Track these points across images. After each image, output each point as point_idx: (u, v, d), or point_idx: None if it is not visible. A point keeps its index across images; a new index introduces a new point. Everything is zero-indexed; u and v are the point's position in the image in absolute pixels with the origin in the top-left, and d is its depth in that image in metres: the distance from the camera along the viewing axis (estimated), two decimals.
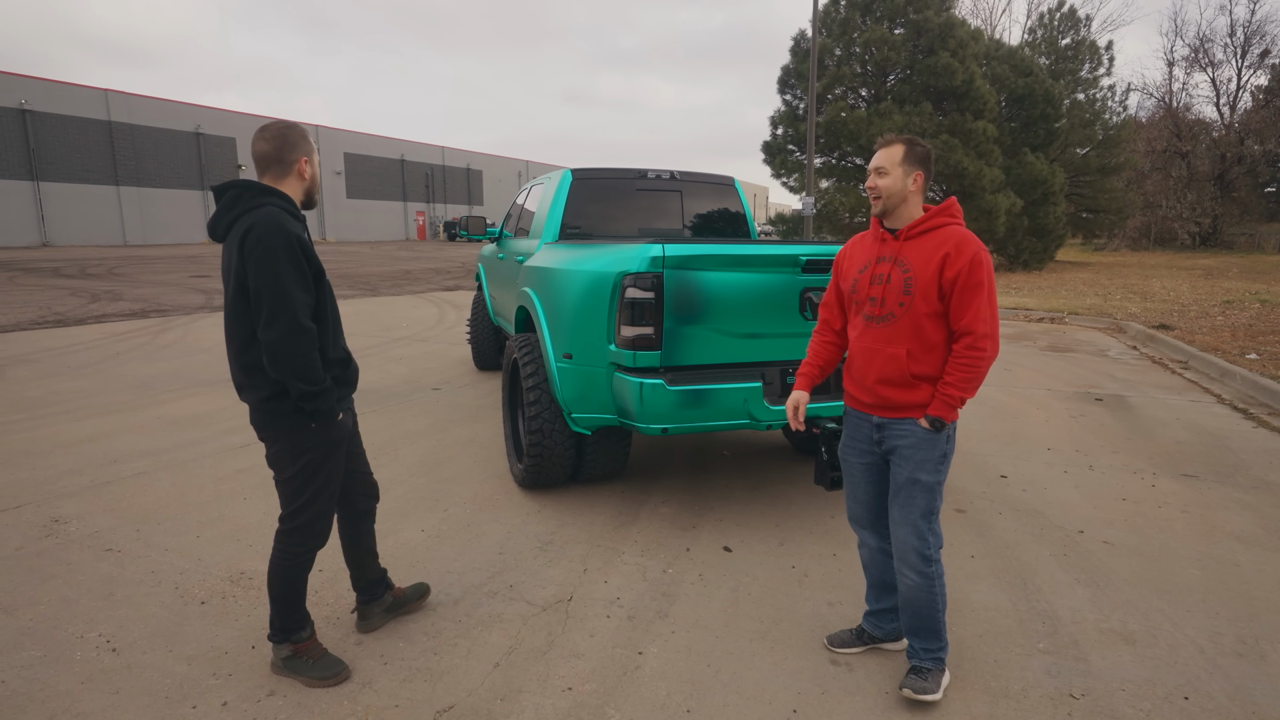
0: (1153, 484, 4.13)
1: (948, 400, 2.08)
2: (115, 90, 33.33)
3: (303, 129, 2.19)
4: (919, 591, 2.18)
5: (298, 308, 1.98)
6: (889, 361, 2.13)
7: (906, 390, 2.12)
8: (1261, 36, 37.93)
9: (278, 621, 2.26)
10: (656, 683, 2.27)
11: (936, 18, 18.97)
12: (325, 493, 2.21)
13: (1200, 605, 2.78)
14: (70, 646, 2.42)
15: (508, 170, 58.97)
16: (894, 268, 2.13)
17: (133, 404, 5.71)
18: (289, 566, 2.22)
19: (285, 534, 2.21)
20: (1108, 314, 11.61)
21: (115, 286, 14.99)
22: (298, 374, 2.00)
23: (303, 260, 2.03)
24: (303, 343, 1.99)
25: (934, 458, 2.13)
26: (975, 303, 2.03)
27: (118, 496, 3.78)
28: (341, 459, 2.24)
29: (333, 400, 2.10)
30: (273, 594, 2.24)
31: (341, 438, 2.20)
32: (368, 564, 2.53)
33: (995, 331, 2.06)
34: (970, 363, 2.05)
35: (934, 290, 2.06)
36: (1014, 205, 19.37)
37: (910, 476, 2.15)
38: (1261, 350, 8.02)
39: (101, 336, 8.98)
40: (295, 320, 1.97)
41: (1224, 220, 33.85)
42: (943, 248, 2.06)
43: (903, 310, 2.10)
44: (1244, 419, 5.60)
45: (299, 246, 2.01)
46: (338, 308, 2.23)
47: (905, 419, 2.14)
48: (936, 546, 2.19)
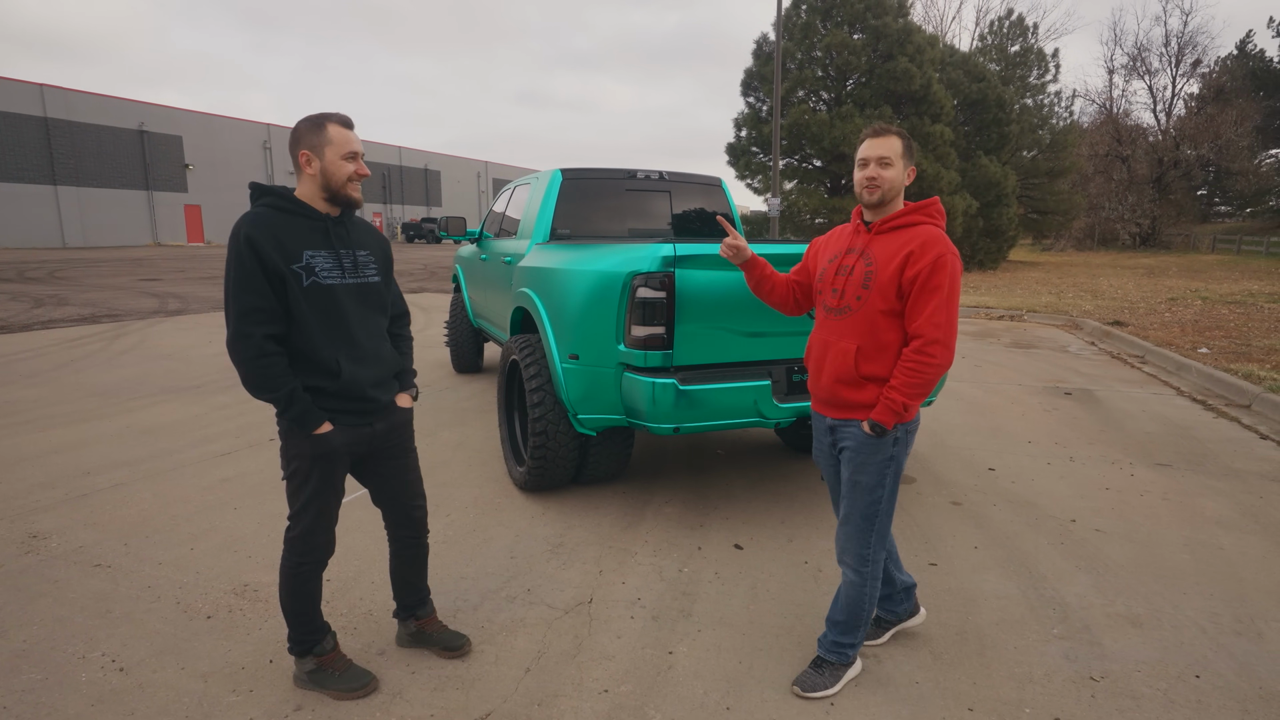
0: (1131, 473, 4.31)
1: (889, 404, 2.01)
2: (51, 85, 31.82)
3: (318, 119, 2.00)
4: (852, 589, 2.21)
5: (240, 313, 1.90)
6: (839, 357, 2.10)
7: (854, 389, 2.09)
8: (1194, 47, 40.11)
9: (291, 633, 2.19)
10: (692, 682, 2.27)
11: (895, 23, 19.46)
12: (314, 507, 2.08)
13: (1195, 588, 2.91)
14: (73, 668, 2.30)
15: (467, 171, 58.25)
16: (859, 260, 2.09)
17: (97, 413, 5.46)
18: (290, 576, 2.13)
19: (288, 540, 2.13)
20: (1063, 311, 12.05)
21: (60, 291, 14.30)
22: (246, 379, 1.94)
23: (252, 263, 1.90)
24: (242, 349, 1.91)
25: (876, 462, 2.09)
26: (930, 305, 1.97)
27: (97, 509, 3.60)
28: (332, 476, 2.08)
29: (301, 410, 1.97)
30: (282, 602, 2.17)
31: (325, 454, 2.04)
32: (401, 586, 2.42)
33: (949, 339, 1.97)
34: (917, 368, 1.97)
35: (893, 288, 2.00)
36: (970, 207, 19.98)
37: (852, 478, 2.13)
38: (1211, 344, 8.43)
39: (51, 343, 8.56)
40: (236, 326, 1.91)
41: (1162, 221, 35.48)
42: (908, 245, 2.01)
43: (859, 304, 2.06)
44: (1204, 410, 5.88)
45: (250, 250, 1.90)
46: (345, 315, 2.05)
47: (852, 420, 2.12)
48: (878, 547, 2.18)
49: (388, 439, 2.22)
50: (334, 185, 2.02)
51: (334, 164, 2.00)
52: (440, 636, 2.42)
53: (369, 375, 2.11)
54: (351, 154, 2.02)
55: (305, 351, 2.00)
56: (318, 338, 2.00)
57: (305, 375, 2.01)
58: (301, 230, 2.00)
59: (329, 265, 2.03)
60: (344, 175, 2.02)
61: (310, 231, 2.02)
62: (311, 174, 2.02)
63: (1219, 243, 32.39)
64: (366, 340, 2.11)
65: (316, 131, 2.00)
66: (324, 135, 1.99)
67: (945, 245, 2.01)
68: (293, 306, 1.97)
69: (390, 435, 2.23)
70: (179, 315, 11.10)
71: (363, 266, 2.12)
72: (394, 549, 2.40)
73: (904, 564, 3.09)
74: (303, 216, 2.02)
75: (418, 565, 2.42)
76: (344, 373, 2.04)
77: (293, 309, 1.97)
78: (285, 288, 1.95)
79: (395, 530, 2.37)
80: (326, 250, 2.03)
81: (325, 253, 2.03)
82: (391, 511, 2.33)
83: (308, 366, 2.01)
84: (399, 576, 2.42)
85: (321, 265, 2.01)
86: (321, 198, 2.05)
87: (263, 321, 1.93)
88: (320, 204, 2.06)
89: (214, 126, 39.27)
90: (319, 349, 2.01)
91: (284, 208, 2.01)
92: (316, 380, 2.02)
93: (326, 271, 2.02)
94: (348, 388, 2.06)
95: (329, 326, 2.03)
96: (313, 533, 2.10)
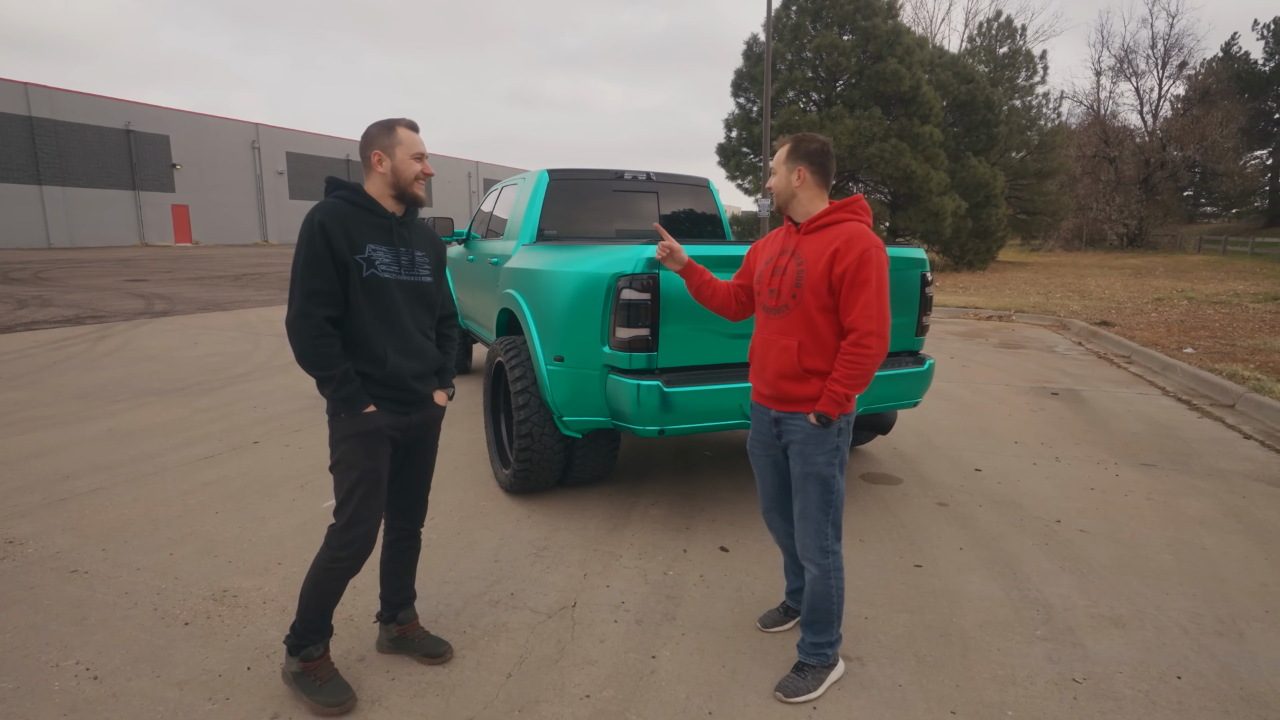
0: (1116, 473, 4.33)
1: (833, 396, 2.11)
2: (36, 84, 31.46)
3: (389, 123, 2.14)
4: (818, 583, 2.24)
5: (305, 294, 2.00)
6: (782, 353, 2.18)
7: (798, 383, 2.17)
8: (1180, 49, 40.34)
9: (298, 626, 2.16)
10: (674, 686, 2.26)
11: (884, 25, 19.51)
12: (360, 491, 2.10)
13: (1177, 588, 2.92)
14: (46, 676, 2.26)
15: (457, 171, 58.04)
16: (791, 260, 2.19)
17: (79, 416, 5.39)
18: (323, 570, 2.11)
19: (331, 533, 2.13)
20: (1051, 311, 12.13)
21: (44, 291, 14.14)
22: (302, 356, 2.03)
23: (323, 248, 2.01)
24: (304, 328, 2.01)
25: (824, 451, 2.18)
26: (861, 299, 2.06)
27: (76, 514, 3.56)
28: (378, 459, 2.12)
29: (352, 390, 2.05)
30: (303, 590, 2.15)
31: (372, 431, 2.10)
32: (393, 581, 2.42)
33: (883, 330, 2.07)
34: (855, 359, 2.07)
35: (824, 285, 2.10)
36: (959, 207, 20.07)
37: (803, 470, 2.21)
38: (1196, 344, 8.50)
39: (34, 345, 8.46)
40: (300, 305, 2.01)
41: (1149, 222, 35.73)
42: (834, 243, 2.10)
43: (795, 303, 2.16)
44: (1189, 410, 5.92)
45: (323, 235, 2.00)
46: (397, 308, 2.14)
47: (797, 413, 2.20)
48: (835, 538, 2.25)
49: (422, 431, 2.29)
50: (403, 183, 2.14)
51: (404, 163, 2.13)
52: (422, 643, 2.40)
53: (412, 367, 2.19)
54: (419, 154, 2.16)
55: (357, 338, 2.10)
56: (370, 326, 2.10)
57: (354, 360, 2.11)
58: (368, 225, 2.11)
59: (388, 260, 2.12)
60: (412, 173, 2.14)
61: (375, 227, 2.12)
62: (383, 172, 2.13)
63: (1205, 243, 32.69)
64: (414, 335, 2.20)
65: (388, 133, 2.12)
66: (395, 136, 2.12)
67: (869, 240, 2.10)
68: (350, 294, 2.07)
69: (425, 428, 2.29)
70: (165, 316, 10.99)
71: (418, 266, 2.22)
72: (391, 541, 2.40)
73: (889, 566, 3.10)
74: (370, 212, 2.12)
75: (411, 561, 2.44)
76: (390, 362, 2.13)
77: (350, 296, 2.08)
78: (348, 275, 2.06)
79: (397, 522, 2.38)
80: (387, 246, 2.13)
81: (386, 249, 2.13)
82: (403, 502, 2.36)
83: (358, 352, 2.11)
84: (391, 572, 2.42)
85: (381, 259, 2.11)
86: (390, 195, 2.16)
87: (325, 304, 2.03)
88: (388, 201, 2.16)
89: (202, 126, 38.95)
90: (370, 337, 2.11)
91: (355, 201, 2.12)
92: (364, 366, 2.11)
93: (385, 266, 2.12)
94: (392, 376, 2.14)
95: (381, 317, 2.12)
96: (354, 523, 2.09)
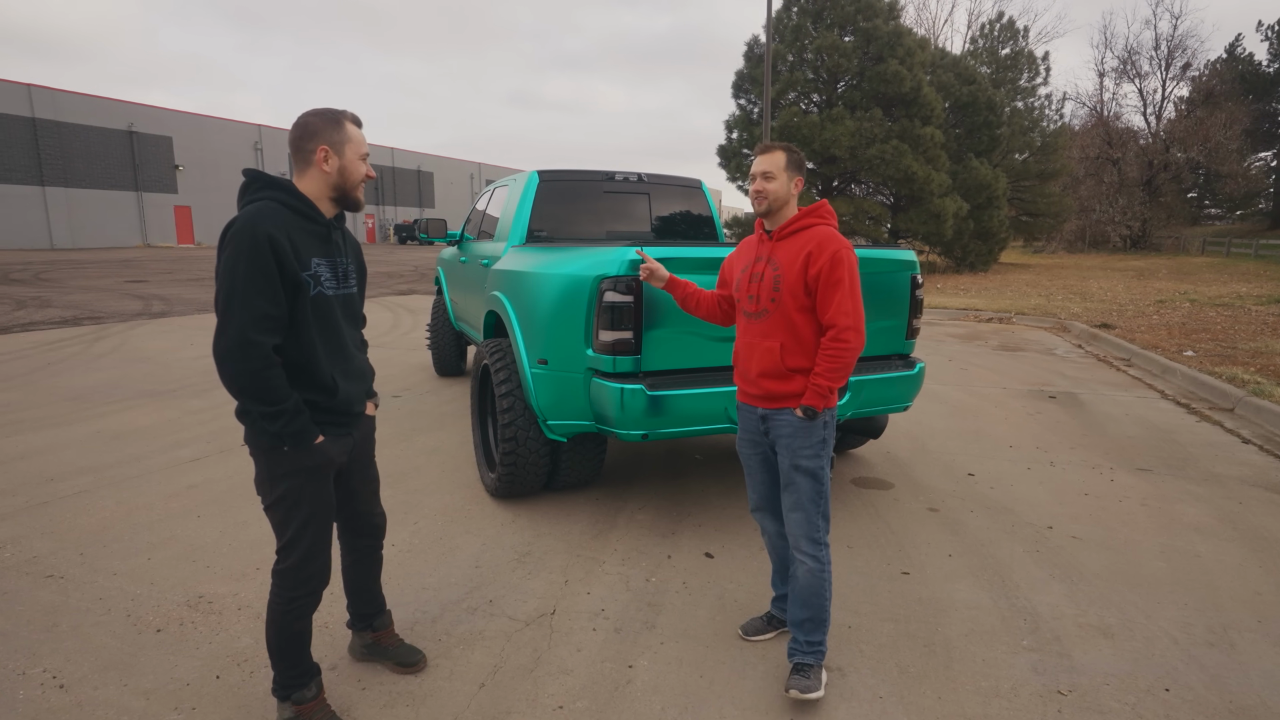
0: (1111, 479, 4.27)
1: (817, 390, 2.19)
2: (39, 85, 31.58)
3: (335, 115, 1.88)
4: (812, 577, 2.26)
5: (250, 319, 1.72)
6: (766, 354, 2.25)
7: (783, 381, 2.25)
8: (1183, 50, 40.20)
9: (277, 676, 2.00)
10: (650, 697, 2.21)
11: (885, 26, 19.45)
12: (312, 528, 1.93)
13: (1169, 596, 2.86)
14: (11, 685, 2.23)
15: (459, 172, 58.11)
16: (767, 266, 2.28)
17: (69, 417, 5.37)
18: (283, 612, 1.95)
19: (277, 574, 1.96)
20: (1052, 314, 12.06)
21: (43, 293, 14.16)
22: (244, 391, 1.76)
23: (272, 266, 1.74)
24: (250, 358, 1.72)
25: (812, 444, 2.24)
26: (837, 297, 2.16)
27: (57, 518, 3.52)
28: (326, 490, 1.96)
29: (303, 423, 1.82)
30: (268, 642, 1.98)
31: (320, 465, 1.91)
32: (359, 595, 2.32)
33: (859, 324, 2.18)
34: (835, 354, 2.17)
35: (800, 286, 2.19)
36: (960, 209, 20.00)
37: (792, 464, 2.26)
38: (1197, 347, 8.43)
39: (30, 346, 8.45)
40: (240, 333, 1.71)
41: (1152, 224, 35.60)
42: (806, 247, 2.20)
43: (774, 306, 2.24)
44: (1187, 414, 5.85)
45: (271, 249, 1.74)
46: (340, 327, 1.93)
47: (783, 409, 2.27)
48: (825, 531, 2.30)
49: (362, 448, 2.15)
50: (349, 185, 1.91)
51: (353, 163, 1.90)
52: (396, 651, 2.35)
53: (357, 389, 2.02)
54: (365, 155, 1.94)
55: (304, 365, 1.85)
56: (319, 351, 1.87)
57: (301, 389, 1.86)
58: (308, 234, 1.86)
59: (328, 274, 1.90)
60: (360, 176, 1.92)
61: (314, 236, 1.88)
62: (327, 171, 1.87)
63: (1209, 245, 32.53)
64: (352, 353, 2.02)
65: (335, 127, 1.87)
66: (344, 132, 1.88)
67: (839, 242, 2.20)
68: (298, 317, 1.82)
69: (364, 444, 2.16)
70: (162, 318, 10.98)
71: (349, 276, 2.01)
72: (352, 559, 2.30)
73: (875, 573, 3.05)
74: (308, 219, 1.87)
75: (375, 572, 2.34)
76: (340, 389, 1.93)
77: (297, 319, 1.82)
78: (297, 296, 1.81)
79: (355, 540, 2.27)
80: (328, 258, 1.90)
81: (327, 260, 1.90)
82: (354, 522, 2.23)
83: (304, 380, 1.86)
84: (356, 585, 2.33)
85: (324, 274, 1.89)
86: (328, 198, 1.91)
87: (271, 330, 1.77)
88: (325, 205, 1.92)
89: (204, 127, 39.06)
90: (318, 363, 1.87)
91: (295, 207, 1.84)
92: (313, 395, 1.89)
93: (328, 281, 1.90)
94: (342, 404, 1.95)
95: (328, 340, 1.91)
96: (309, 560, 1.93)
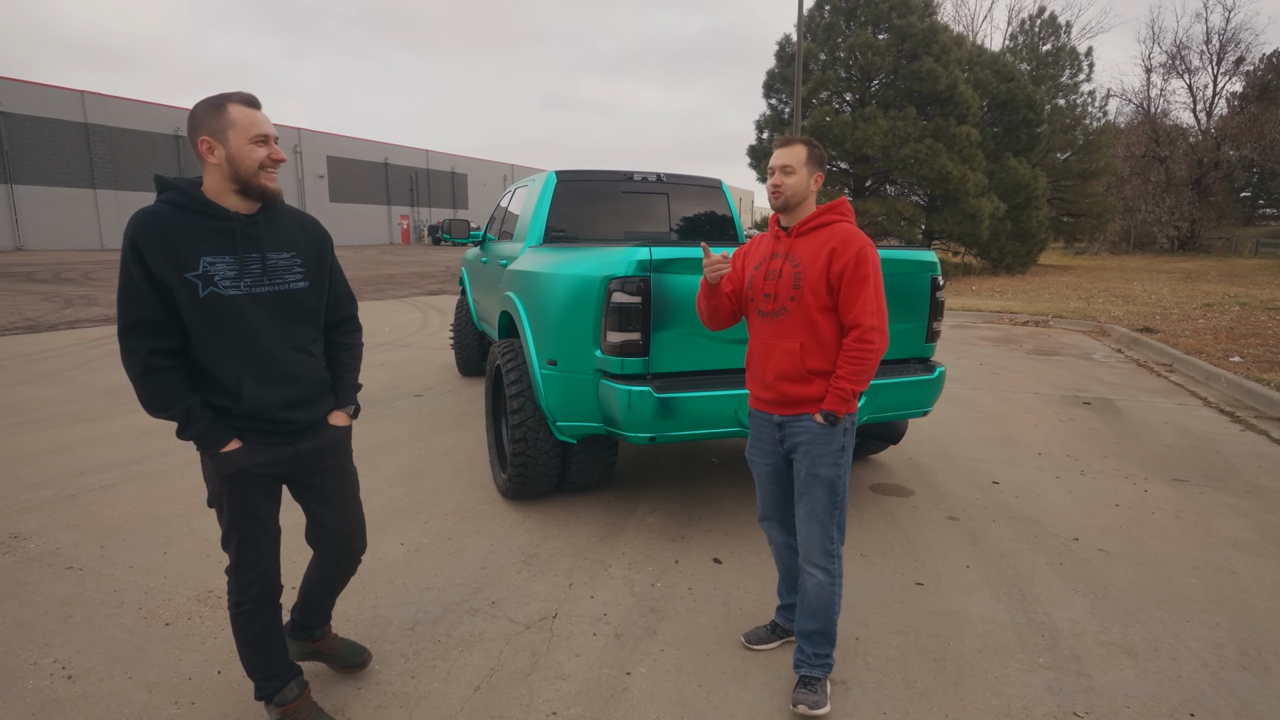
0: (1145, 489, 4.09)
1: (840, 393, 2.11)
2: (91, 92, 32.76)
3: (217, 100, 1.74)
4: (822, 590, 2.19)
5: (125, 325, 1.73)
6: (784, 356, 2.16)
7: (802, 385, 2.16)
8: (1236, 44, 38.75)
9: (252, 680, 2.00)
10: (645, 705, 2.17)
11: (920, 23, 19.08)
12: (236, 535, 1.88)
13: (1200, 615, 2.72)
14: (23, 674, 2.28)
15: (492, 174, 58.71)
16: (785, 263, 2.19)
17: (103, 413, 5.53)
18: (234, 616, 1.93)
19: (228, 575, 1.94)
20: (1091, 317, 11.68)
21: (90, 291, 14.66)
22: (139, 397, 1.77)
23: (138, 271, 1.69)
24: (130, 364, 1.74)
25: (831, 451, 2.16)
26: (862, 296, 2.08)
27: (82, 511, 3.62)
28: (249, 501, 1.87)
29: (201, 429, 1.77)
30: (237, 648, 1.98)
31: (233, 474, 1.82)
32: (307, 605, 2.21)
33: (883, 324, 2.10)
34: (860, 355, 2.08)
35: (822, 284, 2.11)
36: (997, 209, 19.51)
37: (810, 472, 2.17)
38: (1244, 353, 8.07)
39: (73, 343, 8.74)
40: (121, 340, 1.75)
41: (1201, 224, 34.35)
42: (830, 243, 2.12)
43: (794, 304, 2.15)
44: (1231, 422, 5.59)
45: (135, 256, 1.68)
46: (250, 329, 1.80)
47: (802, 415, 2.18)
48: (839, 542, 2.22)
49: (317, 461, 1.97)
50: (244, 174, 1.76)
51: (241, 149, 1.74)
52: (340, 655, 2.28)
53: (280, 396, 1.85)
54: (261, 136, 1.76)
55: (204, 369, 1.80)
56: (215, 354, 1.78)
57: (208, 393, 1.81)
58: (202, 232, 1.74)
59: (231, 273, 1.76)
60: (254, 162, 1.75)
61: (213, 233, 1.76)
62: (216, 163, 1.75)
63: (1262, 246, 31.24)
64: (281, 357, 1.85)
65: (216, 114, 1.73)
66: (225, 117, 1.73)
67: (863, 239, 2.12)
68: (186, 320, 1.75)
69: (320, 457, 1.97)
70: None
71: (281, 272, 1.85)
72: (319, 575, 2.16)
73: (888, 583, 2.96)
74: (205, 215, 1.75)
75: (334, 589, 2.22)
76: (246, 394, 1.81)
77: (187, 322, 1.75)
78: (174, 299, 1.73)
79: (320, 549, 2.12)
80: (230, 256, 1.77)
81: (228, 258, 1.77)
82: (328, 547, 2.09)
83: (208, 384, 1.81)
84: (308, 594, 2.19)
85: (222, 273, 1.76)
86: (231, 190, 1.78)
87: (150, 335, 1.73)
88: (230, 199, 1.79)
89: None
90: (218, 366, 1.79)
91: (185, 205, 1.75)
92: (218, 399, 1.81)
93: (228, 281, 1.76)
94: (252, 409, 1.83)
95: (230, 342, 1.79)
96: (242, 566, 1.90)
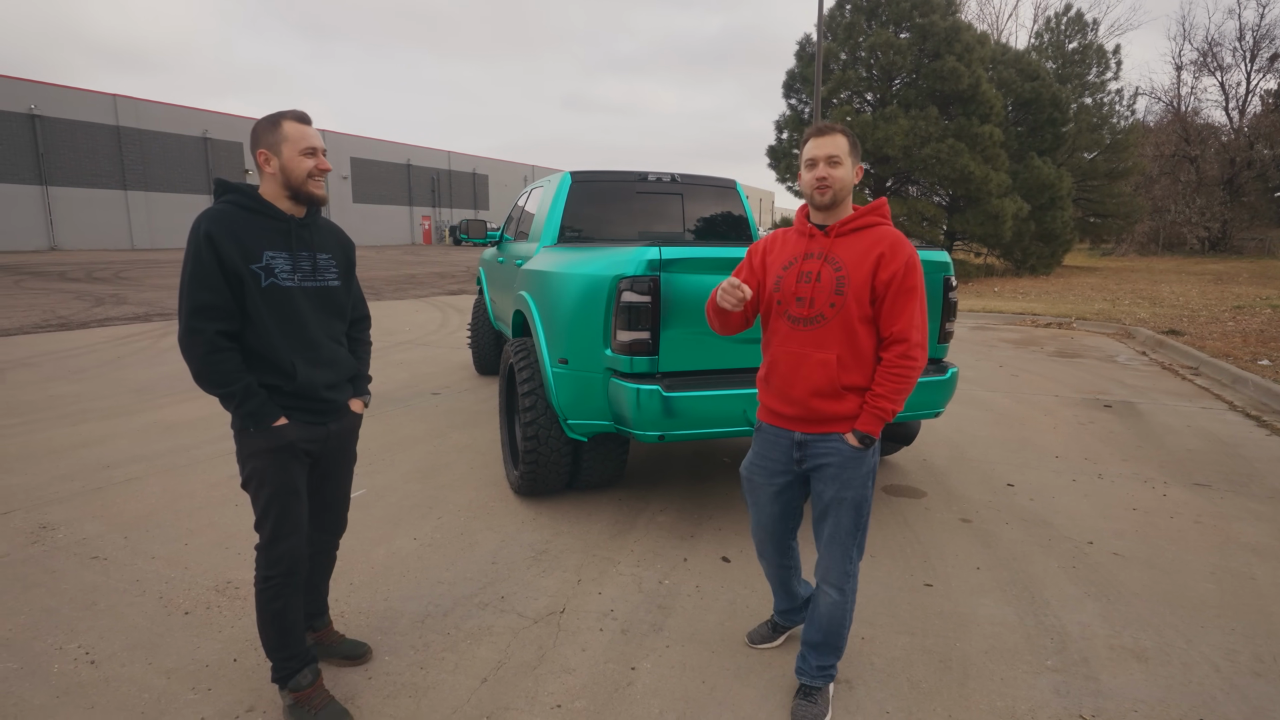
0: (1164, 493, 4.03)
1: (878, 413, 1.96)
2: (123, 95, 33.52)
3: (274, 118, 2.00)
4: (835, 609, 2.11)
5: (193, 308, 1.90)
6: (819, 368, 1.97)
7: (835, 401, 1.98)
8: (1271, 40, 37.80)
9: (270, 661, 2.09)
10: (649, 700, 2.19)
11: (942, 22, 18.89)
12: (276, 508, 2.02)
13: (1215, 621, 2.68)
14: (48, 659, 2.36)
15: (513, 175, 59.08)
16: (824, 265, 1.98)
17: (130, 408, 5.67)
18: (259, 592, 2.05)
19: (257, 550, 2.06)
20: (1116, 319, 11.48)
21: (120, 290, 15.02)
22: (198, 375, 1.95)
23: (211, 260, 1.89)
24: (195, 344, 1.91)
25: (861, 474, 2.02)
26: (909, 308, 1.93)
27: (108, 502, 3.72)
28: (290, 474, 2.04)
29: (256, 405, 1.97)
30: (258, 626, 2.07)
31: (282, 447, 2.01)
32: (308, 591, 2.31)
33: (925, 340, 1.96)
34: (902, 373, 1.94)
35: (866, 292, 1.94)
36: (1021, 210, 19.25)
37: (837, 495, 2.03)
38: (1274, 356, 7.89)
39: (103, 340, 8.97)
40: (188, 321, 1.91)
41: (1233, 225, 33.56)
42: (877, 247, 1.95)
43: (834, 312, 1.95)
44: (1256, 426, 5.48)
45: (210, 247, 1.89)
46: (302, 316, 2.03)
47: (830, 434, 2.01)
48: (858, 561, 2.13)
49: (339, 441, 2.20)
50: (294, 182, 2.00)
51: (292, 160, 1.99)
52: (339, 647, 2.38)
53: (325, 377, 2.10)
54: (310, 149, 2.00)
55: (262, 351, 2.00)
56: (275, 339, 2.00)
57: (261, 374, 2.01)
58: (263, 230, 1.99)
59: (288, 267, 2.01)
60: (303, 171, 2.00)
61: (272, 232, 2.00)
62: (271, 173, 2.00)
63: None
64: (325, 344, 2.10)
65: (272, 130, 1.99)
66: (280, 132, 1.98)
67: (910, 246, 1.99)
68: (249, 306, 1.96)
69: (342, 438, 2.22)
70: None
71: (323, 270, 2.10)
72: (312, 553, 2.26)
73: (897, 584, 2.96)
74: (265, 216, 2.00)
75: (326, 571, 2.38)
76: (300, 374, 2.03)
77: (249, 309, 1.96)
78: (243, 287, 1.94)
79: (316, 535, 2.26)
80: (286, 252, 2.01)
81: (285, 254, 2.01)
82: (321, 517, 2.26)
83: (264, 366, 2.01)
84: (308, 583, 2.29)
85: (281, 267, 2.00)
86: (284, 196, 2.03)
87: (215, 318, 1.92)
88: (284, 203, 2.04)
89: None
90: (276, 350, 2.00)
91: (247, 206, 1.99)
92: (272, 379, 2.02)
93: (285, 273, 2.00)
94: (303, 389, 2.05)
95: (286, 328, 2.01)
96: (276, 539, 2.02)
